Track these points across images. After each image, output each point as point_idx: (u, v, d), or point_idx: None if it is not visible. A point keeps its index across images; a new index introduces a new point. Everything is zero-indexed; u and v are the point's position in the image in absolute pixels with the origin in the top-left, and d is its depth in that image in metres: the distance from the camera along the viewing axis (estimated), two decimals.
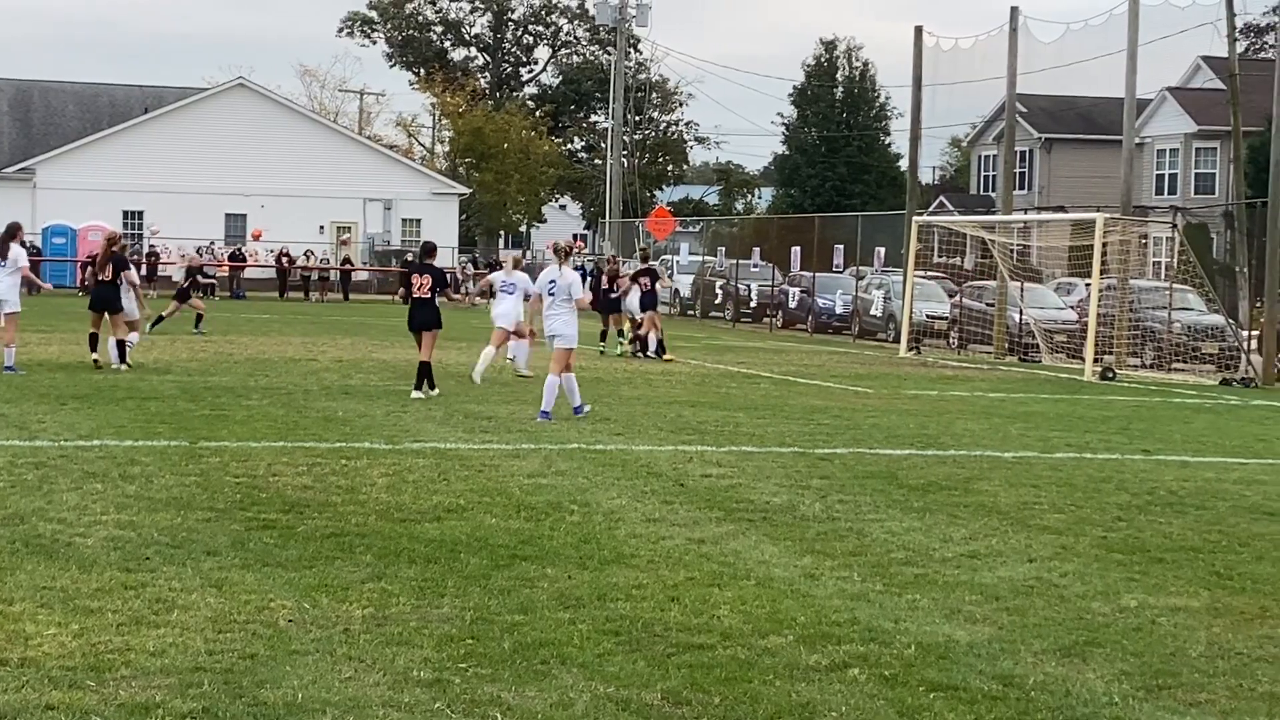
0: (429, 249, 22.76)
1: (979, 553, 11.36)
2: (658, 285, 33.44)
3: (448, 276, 22.96)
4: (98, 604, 8.87)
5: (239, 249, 67.03)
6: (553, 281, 19.75)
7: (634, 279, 33.11)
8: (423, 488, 13.33)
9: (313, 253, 68.18)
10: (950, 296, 43.78)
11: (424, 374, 21.54)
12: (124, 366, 24.34)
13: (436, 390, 21.71)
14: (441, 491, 13.16)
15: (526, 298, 23.93)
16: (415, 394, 21.26)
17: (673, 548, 11.13)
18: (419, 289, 21.68)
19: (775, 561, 10.79)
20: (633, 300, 32.97)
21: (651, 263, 34.63)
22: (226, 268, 65.22)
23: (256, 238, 66.83)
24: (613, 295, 33.49)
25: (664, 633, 8.70)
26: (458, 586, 9.63)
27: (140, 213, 70.20)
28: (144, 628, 8.40)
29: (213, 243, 67.12)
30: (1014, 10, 41.12)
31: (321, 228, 71.87)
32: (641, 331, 32.91)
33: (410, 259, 21.78)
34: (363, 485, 13.33)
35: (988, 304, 41.20)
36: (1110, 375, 31.98)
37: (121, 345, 24.78)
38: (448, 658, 8.04)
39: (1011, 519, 12.86)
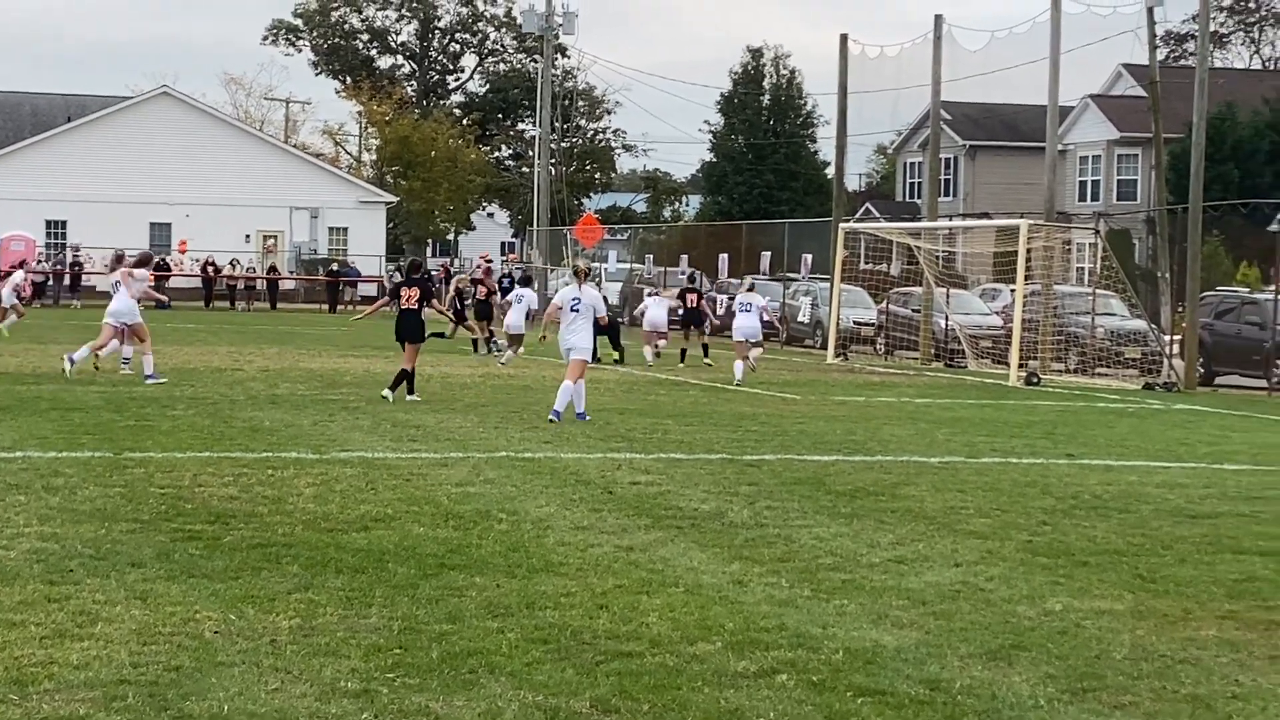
0: (416, 265, 24.13)
1: (906, 558, 11.42)
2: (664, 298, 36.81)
3: (434, 289, 24.17)
4: (20, 617, 8.78)
5: (164, 258, 66.50)
6: (576, 299, 21.01)
7: (680, 296, 36.00)
8: (350, 497, 13.27)
9: (239, 261, 67.79)
10: (867, 309, 43.97)
11: (403, 379, 22.51)
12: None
13: (417, 396, 22.39)
14: (369, 501, 13.11)
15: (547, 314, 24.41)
16: (386, 393, 22.21)
17: (601, 555, 11.13)
18: (407, 300, 22.77)
19: (703, 568, 10.81)
20: (655, 315, 35.55)
21: (696, 282, 37.72)
22: (152, 277, 64.77)
23: (182, 250, 66.34)
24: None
25: (592, 640, 8.70)
26: (385, 596, 9.59)
27: (64, 222, 69.65)
28: (68, 640, 8.32)
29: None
30: (938, 18, 41.41)
31: (248, 236, 71.49)
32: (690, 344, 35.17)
33: (396, 275, 24.44)
34: (289, 495, 13.26)
35: (914, 310, 41.46)
36: (1035, 380, 32.23)
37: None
38: (375, 668, 8.01)
39: (938, 524, 12.94)
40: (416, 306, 22.77)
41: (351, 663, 8.09)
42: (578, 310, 20.99)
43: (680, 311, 36.17)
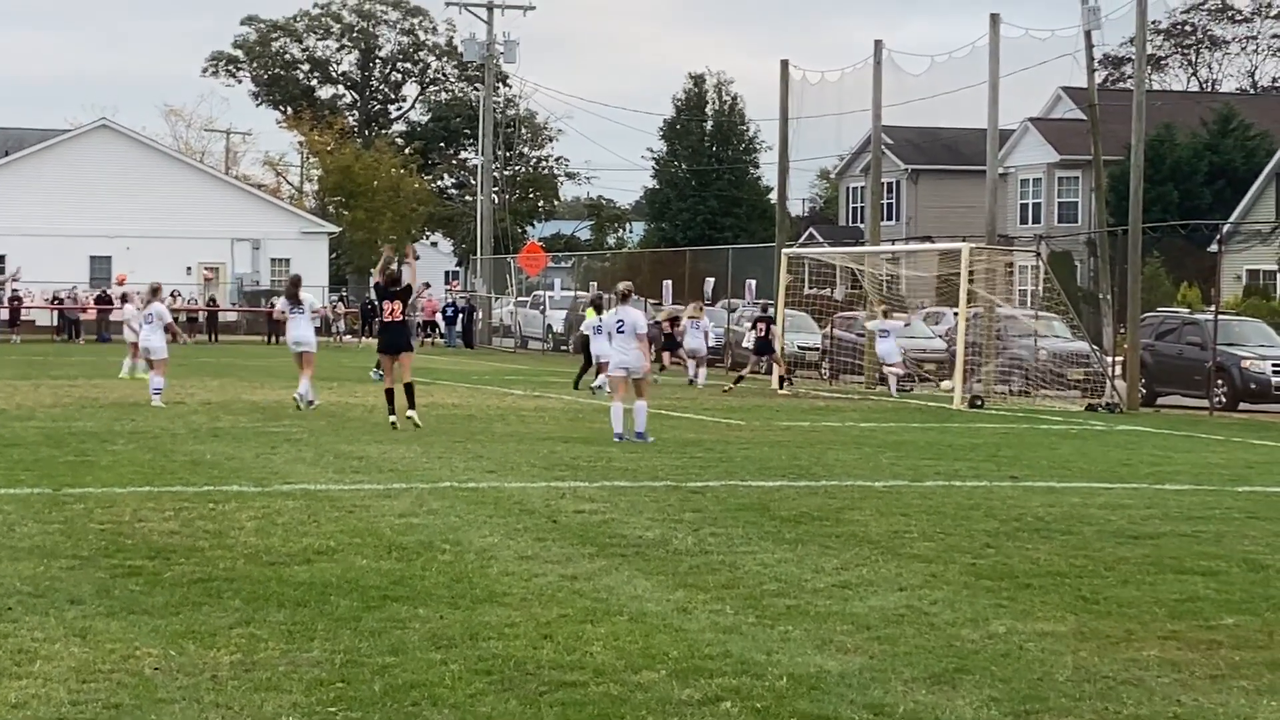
0: (394, 278, 23.60)
1: (850, 582, 11.43)
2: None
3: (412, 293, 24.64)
4: None
5: (104, 291, 66.09)
6: (621, 320, 22.01)
7: (753, 326, 37.76)
8: (292, 530, 13.19)
9: (179, 293, 67.43)
10: (812, 333, 44.05)
11: (409, 394, 22.77)
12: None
13: (414, 415, 22.68)
14: (311, 533, 13.03)
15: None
16: (411, 413, 22.53)
17: (545, 585, 11.09)
18: (390, 314, 23.13)
19: (648, 596, 10.79)
20: (694, 341, 37.07)
21: (769, 312, 38.76)
22: (93, 311, 64.35)
23: (121, 283, 65.84)
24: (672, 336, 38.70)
25: (536, 671, 8.66)
26: (328, 629, 9.53)
27: (2, 256, 69.10)
28: (5, 679, 8.23)
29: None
30: (878, 44, 41.63)
31: (189, 269, 71.17)
32: (780, 371, 37.00)
33: (371, 296, 25.59)
34: (231, 529, 13.17)
35: (858, 335, 41.57)
36: (979, 403, 32.37)
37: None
38: (317, 702, 7.95)
39: (882, 548, 12.95)
40: (401, 319, 23.25)
41: (293, 697, 8.03)
42: (623, 331, 21.87)
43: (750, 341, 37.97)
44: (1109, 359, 37.09)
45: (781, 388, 36.08)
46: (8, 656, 8.71)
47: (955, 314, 36.76)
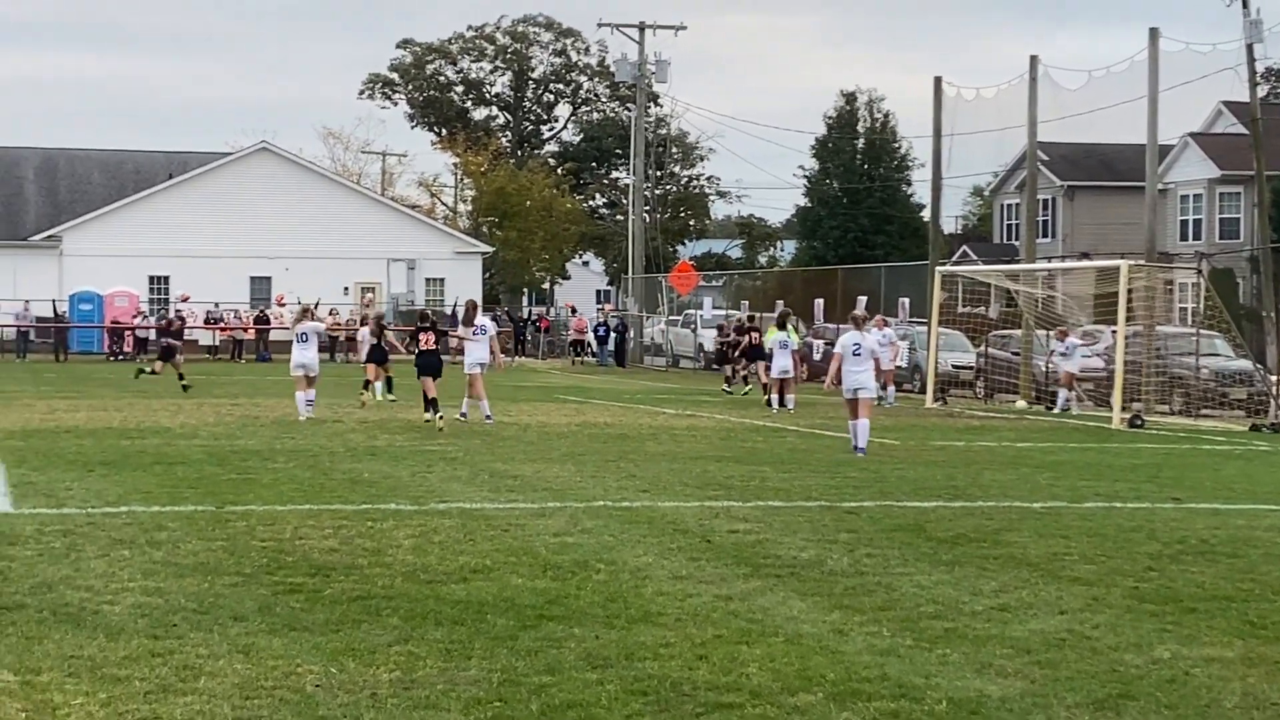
0: (423, 315, 29.69)
1: (1009, 605, 11.27)
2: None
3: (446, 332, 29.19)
4: (125, 672, 8.85)
5: (264, 311, 67.21)
6: (857, 344, 23.35)
7: (744, 334, 39.63)
8: (449, 548, 13.29)
9: (337, 312, 68.32)
10: (965, 352, 43.61)
11: (433, 403, 26.61)
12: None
13: (429, 416, 26.47)
14: (468, 552, 13.13)
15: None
16: (429, 416, 26.48)
17: (700, 605, 11.07)
18: (426, 343, 27.61)
19: (803, 617, 10.73)
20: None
21: (755, 321, 40.86)
22: (253, 330, 65.46)
23: (280, 303, 66.98)
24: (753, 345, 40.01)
25: (692, 692, 8.64)
26: (485, 648, 9.58)
27: (166, 278, 70.56)
28: (171, 696, 8.38)
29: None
30: (1033, 59, 41.17)
31: (346, 288, 72.07)
32: (763, 379, 37.90)
33: (422, 320, 28.48)
34: (389, 547, 13.30)
35: (1013, 353, 41.09)
36: (1139, 423, 31.84)
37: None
38: None
39: (1042, 570, 12.77)
40: (435, 348, 27.64)
41: (451, 716, 8.08)
42: (859, 354, 23.25)
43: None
44: (1273, 378, 36.28)
45: (765, 396, 36.11)
46: (173, 673, 8.86)
47: (1113, 332, 36.20)
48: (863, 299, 52.63)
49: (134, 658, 9.20)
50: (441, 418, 26.23)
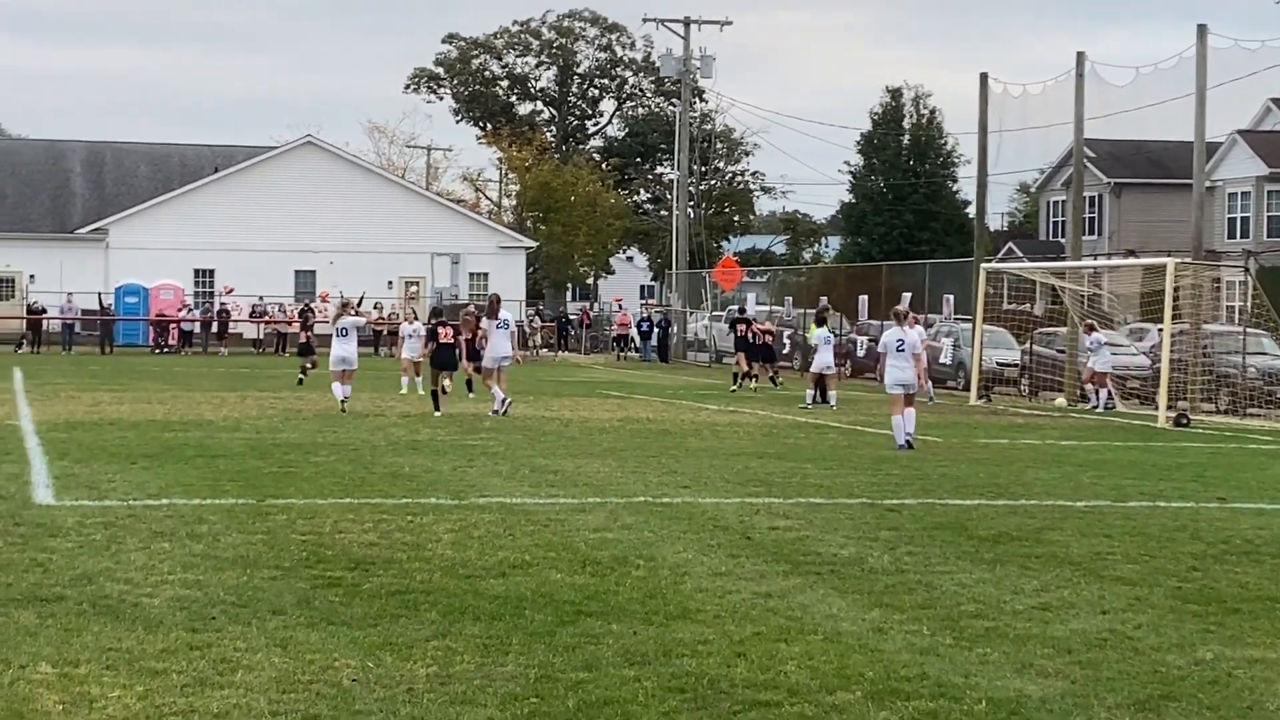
0: (436, 311, 32.58)
1: (1051, 605, 11.19)
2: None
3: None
4: (163, 665, 8.86)
5: (308, 305, 67.25)
6: (901, 340, 23.64)
7: (732, 327, 42.05)
8: (488, 543, 13.27)
9: (381, 305, 68.32)
10: (1010, 349, 43.37)
11: (437, 399, 28.36)
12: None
13: (441, 412, 27.82)
14: (507, 547, 13.11)
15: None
16: (439, 413, 27.60)
17: (739, 602, 11.02)
18: (444, 337, 28.92)
19: (843, 615, 10.67)
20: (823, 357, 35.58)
21: (746, 314, 42.70)
22: (296, 324, 65.53)
23: (324, 299, 67.03)
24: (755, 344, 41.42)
25: (730, 689, 8.60)
26: (522, 644, 9.56)
27: (211, 271, 70.85)
28: (208, 689, 8.38)
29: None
30: (1080, 56, 40.90)
31: (390, 283, 72.21)
32: (745, 369, 41.00)
33: (439, 313, 29.61)
34: (428, 541, 13.30)
35: (1058, 350, 40.85)
36: (1184, 422, 31.61)
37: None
38: (511, 716, 7.98)
39: (1084, 570, 12.67)
40: (452, 341, 28.91)
41: (488, 711, 8.06)
42: (902, 350, 23.58)
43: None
44: None
45: (737, 383, 40.25)
46: (211, 666, 8.87)
47: (1159, 330, 35.96)
48: (907, 295, 52.55)
49: (172, 650, 9.20)
50: (448, 390, 28.49)
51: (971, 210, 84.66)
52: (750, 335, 41.54)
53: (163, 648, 9.27)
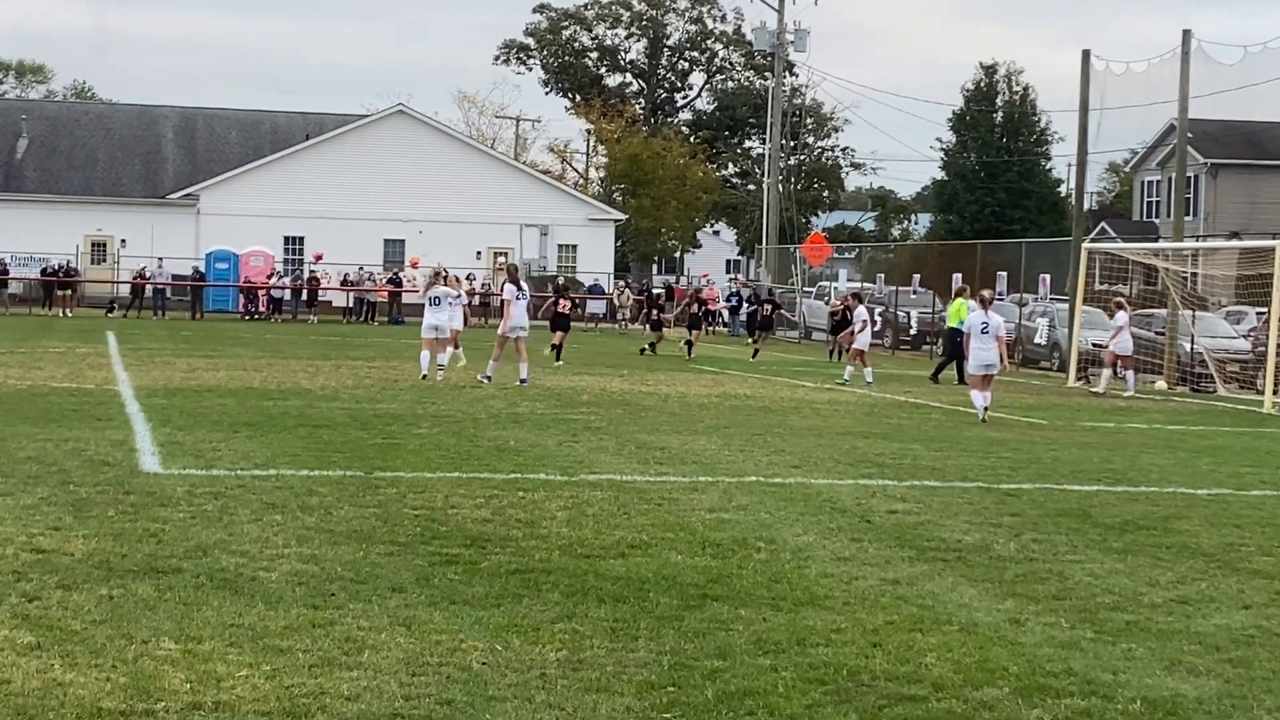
0: (561, 287, 37.02)
1: (1189, 598, 10.82)
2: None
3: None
4: (287, 643, 8.64)
5: (396, 274, 67.33)
6: (985, 323, 24.67)
7: (744, 302, 44.46)
8: (604, 522, 13.02)
9: (474, 276, 68.32)
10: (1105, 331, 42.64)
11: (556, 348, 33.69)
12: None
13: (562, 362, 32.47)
14: (623, 526, 12.84)
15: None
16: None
17: (867, 589, 10.72)
18: (563, 306, 33.93)
19: (976, 605, 10.34)
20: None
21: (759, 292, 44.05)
22: (386, 293, 65.63)
23: (415, 266, 67.11)
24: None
25: (871, 682, 8.30)
26: (651, 628, 9.30)
27: (301, 238, 71.04)
28: (336, 670, 8.16)
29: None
30: (1186, 34, 40.11)
31: (479, 253, 72.17)
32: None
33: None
34: (542, 519, 13.06)
35: (1157, 332, 40.14)
36: None
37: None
38: (650, 706, 7.71)
39: (1218, 561, 12.28)
40: (568, 312, 35.54)
41: (626, 700, 7.80)
42: (986, 332, 24.57)
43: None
44: None
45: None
46: (336, 645, 8.65)
47: (1259, 314, 35.19)
48: (1003, 274, 51.90)
49: (295, 628, 9.00)
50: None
51: (1064, 189, 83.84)
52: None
53: (285, 625, 9.06)
